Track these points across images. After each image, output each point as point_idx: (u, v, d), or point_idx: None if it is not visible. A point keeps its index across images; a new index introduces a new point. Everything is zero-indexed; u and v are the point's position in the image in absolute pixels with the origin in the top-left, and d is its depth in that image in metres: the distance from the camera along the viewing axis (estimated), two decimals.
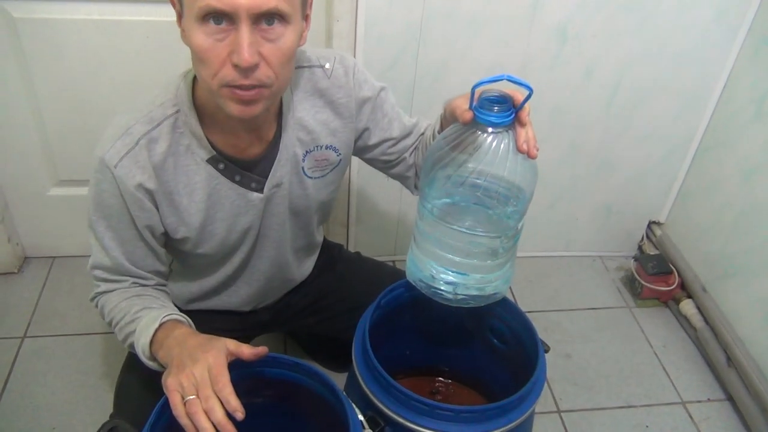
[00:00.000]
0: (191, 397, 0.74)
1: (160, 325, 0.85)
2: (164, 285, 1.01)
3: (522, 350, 0.99)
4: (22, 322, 1.49)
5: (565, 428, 1.37)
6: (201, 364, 0.75)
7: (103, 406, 1.03)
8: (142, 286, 0.96)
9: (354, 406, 0.84)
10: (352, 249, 1.61)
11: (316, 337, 1.38)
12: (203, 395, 0.74)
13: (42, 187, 1.55)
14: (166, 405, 0.75)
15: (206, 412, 0.73)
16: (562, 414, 1.40)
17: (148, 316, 0.87)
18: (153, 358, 0.85)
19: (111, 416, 0.99)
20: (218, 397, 0.74)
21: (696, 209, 1.68)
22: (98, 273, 0.94)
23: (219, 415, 0.73)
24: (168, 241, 0.97)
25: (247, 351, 0.80)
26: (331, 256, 1.25)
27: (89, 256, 0.95)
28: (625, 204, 1.77)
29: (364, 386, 0.88)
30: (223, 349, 0.78)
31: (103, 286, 0.95)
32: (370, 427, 0.84)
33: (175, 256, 1.05)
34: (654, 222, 1.83)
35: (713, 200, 1.60)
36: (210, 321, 1.11)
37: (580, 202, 1.75)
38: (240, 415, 0.74)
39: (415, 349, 1.14)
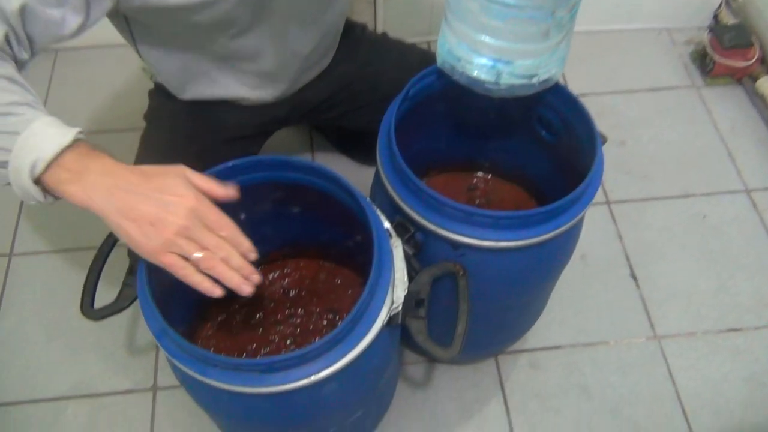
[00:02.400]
0: (198, 254, 0.60)
1: (73, 143, 0.59)
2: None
3: (574, 143, 0.86)
4: None
5: (613, 220, 1.28)
6: (181, 209, 0.59)
7: None
8: (10, 61, 0.64)
9: (378, 212, 0.75)
10: (379, 29, 1.42)
11: (343, 130, 1.26)
12: (213, 244, 0.60)
13: None
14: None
15: (224, 261, 0.61)
16: (611, 205, 1.30)
17: (41, 120, 0.59)
18: (38, 182, 0.59)
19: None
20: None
21: None
22: None
23: (238, 259, 0.62)
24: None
25: (215, 188, 0.64)
26: (354, 38, 1.08)
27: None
28: None
29: (390, 190, 0.77)
30: (186, 181, 0.62)
31: None
32: (398, 235, 0.75)
33: (154, 24, 0.83)
34: None
35: None
36: (218, 115, 1.00)
37: None
38: (253, 255, 0.64)
39: (451, 142, 1.01)
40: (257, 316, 0.93)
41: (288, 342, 0.90)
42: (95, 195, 0.58)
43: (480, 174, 1.06)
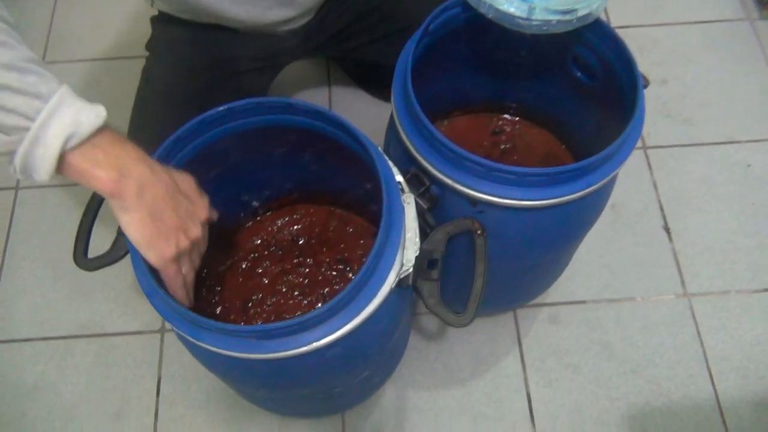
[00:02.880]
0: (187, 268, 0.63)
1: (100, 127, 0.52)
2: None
3: (613, 87, 0.77)
4: (39, 46, 1.34)
5: (649, 167, 1.19)
6: (199, 222, 0.61)
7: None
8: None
9: (390, 164, 0.68)
10: None
11: (361, 62, 1.17)
12: (196, 262, 0.65)
13: None
14: None
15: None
16: (647, 150, 1.21)
17: (65, 87, 0.51)
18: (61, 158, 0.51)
19: None
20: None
21: None
22: None
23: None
24: None
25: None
26: None
27: None
28: None
29: (405, 138, 0.70)
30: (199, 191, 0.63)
31: None
32: (412, 189, 0.68)
33: None
34: None
35: None
36: (223, 46, 0.92)
37: None
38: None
39: (476, 81, 0.92)
40: (264, 264, 0.88)
41: (296, 293, 0.86)
42: (129, 185, 0.53)
43: (507, 116, 0.98)
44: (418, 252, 0.64)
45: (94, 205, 0.71)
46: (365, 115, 1.22)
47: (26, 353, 1.03)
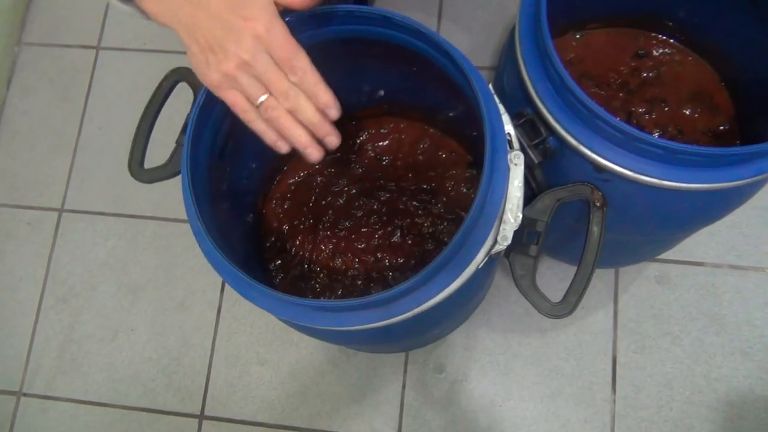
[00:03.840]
0: (263, 98, 0.49)
1: None
2: None
3: None
4: None
5: None
6: (246, 39, 0.47)
7: None
8: None
9: (500, 108, 0.54)
10: None
11: None
12: (280, 89, 0.49)
13: None
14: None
15: (291, 113, 0.50)
16: None
17: None
18: None
19: None
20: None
21: None
22: None
23: (311, 113, 0.50)
24: None
25: None
26: None
27: None
28: None
29: (524, 72, 0.55)
30: (268, 4, 0.48)
31: None
32: (524, 137, 0.55)
33: None
34: None
35: None
36: None
37: None
38: (335, 113, 0.51)
39: None
40: (341, 182, 0.79)
41: (372, 220, 0.77)
42: (166, 7, 0.49)
43: (658, 36, 0.78)
44: (517, 226, 0.52)
45: (152, 110, 0.62)
46: (481, 10, 1.03)
47: (99, 227, 1.02)
